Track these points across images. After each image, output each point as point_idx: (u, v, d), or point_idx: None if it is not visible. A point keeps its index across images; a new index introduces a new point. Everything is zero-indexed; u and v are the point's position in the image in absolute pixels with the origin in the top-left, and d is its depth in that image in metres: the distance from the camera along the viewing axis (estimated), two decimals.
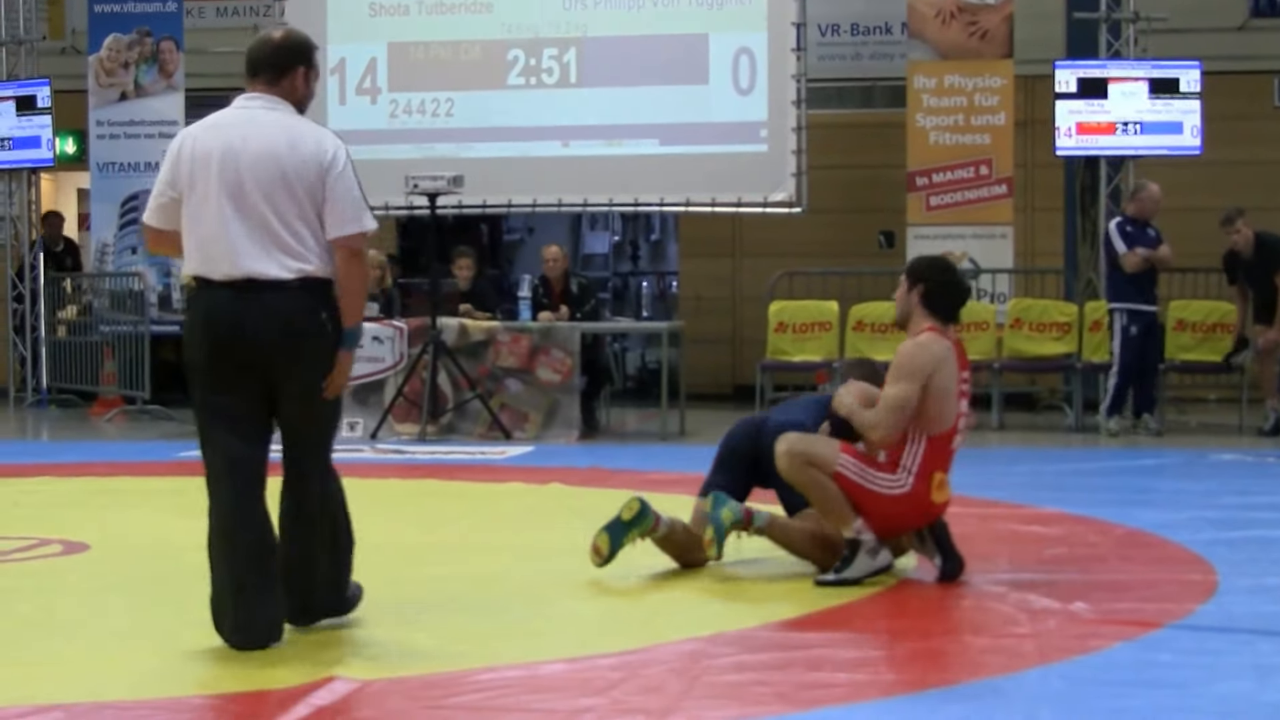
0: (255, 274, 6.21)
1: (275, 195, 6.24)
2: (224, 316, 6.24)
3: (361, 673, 5.78)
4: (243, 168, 6.25)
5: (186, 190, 6.32)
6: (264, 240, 6.22)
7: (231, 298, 6.23)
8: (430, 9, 17.10)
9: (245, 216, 6.23)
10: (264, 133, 6.31)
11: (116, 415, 17.22)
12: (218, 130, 6.37)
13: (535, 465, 12.36)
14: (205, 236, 6.26)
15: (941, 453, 7.57)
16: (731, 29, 16.62)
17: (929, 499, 7.54)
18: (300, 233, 6.27)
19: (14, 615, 7.04)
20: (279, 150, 6.28)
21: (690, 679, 5.73)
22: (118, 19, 18.37)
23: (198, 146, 6.33)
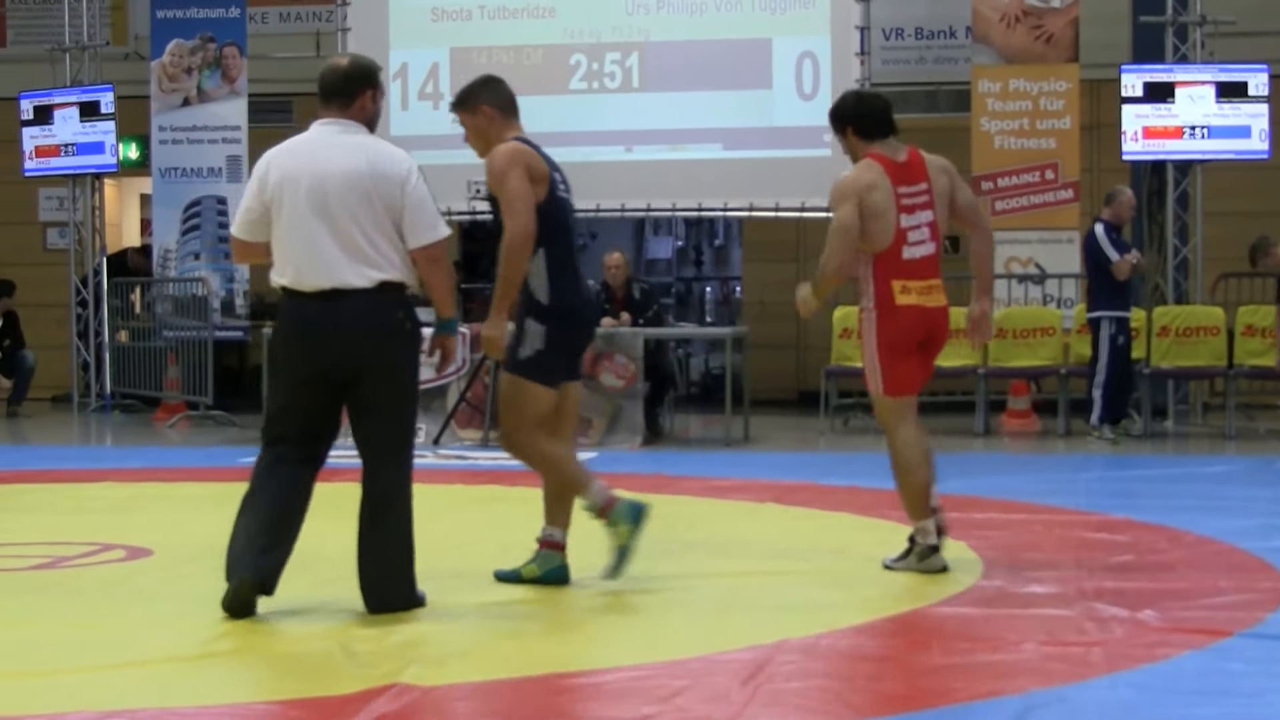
0: (341, 284, 6.81)
1: (359, 212, 6.85)
2: (313, 322, 6.85)
3: (424, 679, 5.74)
4: (329, 188, 6.85)
5: (275, 209, 6.91)
6: (349, 253, 6.83)
7: (320, 306, 6.83)
8: (492, 14, 17.11)
9: (333, 232, 6.83)
10: (345, 155, 6.94)
11: (179, 421, 17.28)
12: (301, 154, 6.99)
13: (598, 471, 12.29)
14: (295, 252, 6.87)
15: (892, 264, 8.13)
16: (795, 33, 16.58)
17: (894, 302, 8.11)
18: (380, 244, 6.88)
19: (78, 620, 7.04)
20: (360, 170, 6.90)
21: (754, 687, 5.67)
22: (181, 24, 18.44)
23: (284, 169, 6.95)
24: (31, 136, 18.72)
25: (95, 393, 18.74)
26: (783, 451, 14.27)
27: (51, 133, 18.53)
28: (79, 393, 18.90)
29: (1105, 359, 14.51)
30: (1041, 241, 16.58)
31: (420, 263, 6.98)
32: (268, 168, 7.02)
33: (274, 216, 6.93)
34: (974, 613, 7.04)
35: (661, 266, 22.51)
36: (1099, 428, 14.55)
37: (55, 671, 6.10)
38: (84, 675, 6.03)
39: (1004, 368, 15.96)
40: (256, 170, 7.08)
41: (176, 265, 18.45)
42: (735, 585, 7.77)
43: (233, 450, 14.16)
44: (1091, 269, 14.72)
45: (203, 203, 18.32)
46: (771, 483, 11.60)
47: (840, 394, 16.47)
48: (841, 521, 9.75)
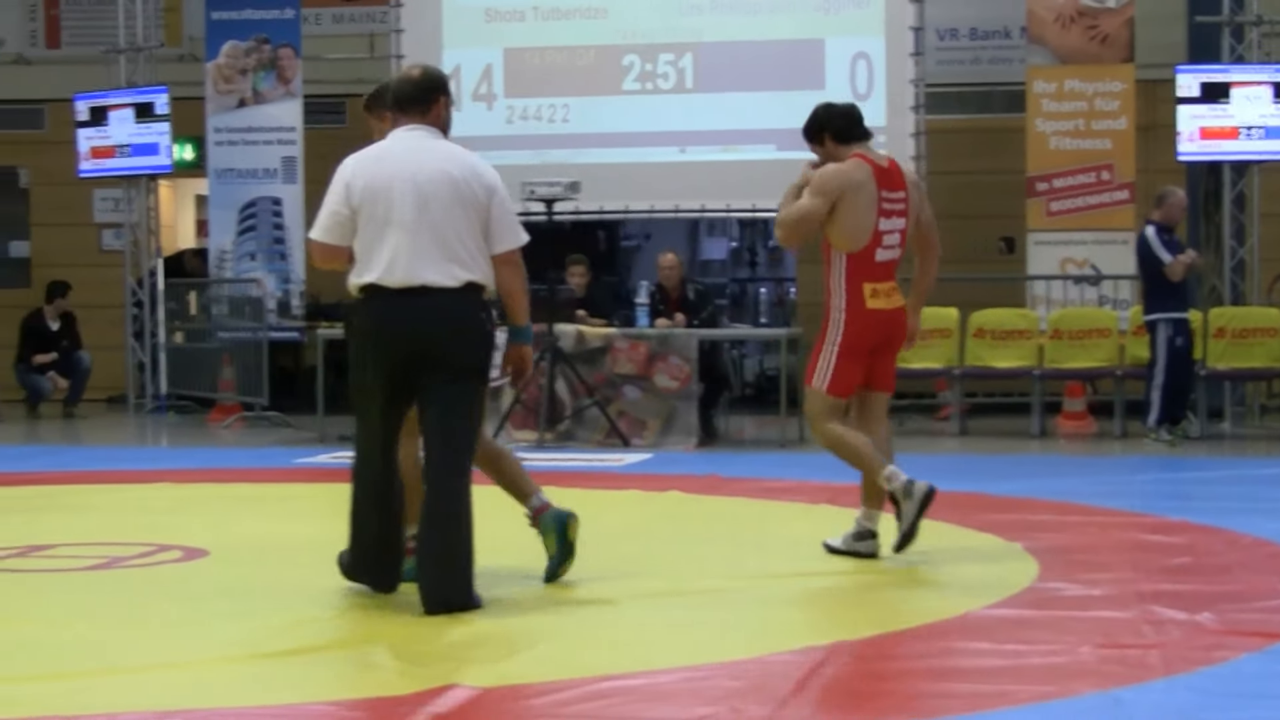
0: (429, 282, 7.05)
1: (451, 213, 7.11)
2: (398, 317, 7.08)
3: (480, 680, 5.74)
4: (425, 191, 7.09)
5: (363, 212, 7.12)
6: (439, 253, 7.08)
7: (405, 302, 7.06)
8: (546, 15, 17.12)
9: (425, 232, 7.07)
10: (435, 160, 7.19)
11: (234, 422, 17.34)
12: (391, 160, 7.19)
13: (653, 473, 12.32)
14: (386, 251, 7.07)
15: (865, 266, 8.42)
16: (848, 34, 16.55)
17: (864, 305, 8.39)
18: (468, 245, 7.16)
19: (135, 621, 7.07)
20: (454, 174, 7.16)
21: (809, 688, 5.65)
22: (235, 26, 18.50)
23: (374, 174, 7.15)
24: (87, 138, 18.81)
25: (151, 394, 18.81)
26: None
27: (106, 134, 18.61)
28: (134, 394, 18.98)
29: (1162, 361, 14.43)
30: (1097, 243, 16.51)
31: (501, 267, 7.30)
32: (353, 174, 7.21)
33: (362, 219, 7.13)
34: (1029, 615, 7.01)
35: (716, 267, 22.49)
36: (1156, 430, 14.47)
37: (111, 671, 6.13)
38: (140, 675, 6.06)
39: (1060, 369, 15.90)
40: (340, 177, 7.24)
41: (232, 266, 18.51)
42: (789, 586, 7.76)
43: (287, 451, 14.22)
44: (1145, 271, 14.64)
45: (258, 204, 18.39)
46: (825, 484, 11.55)
47: (895, 395, 16.40)
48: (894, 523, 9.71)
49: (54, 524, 9.36)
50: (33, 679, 5.96)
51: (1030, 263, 16.84)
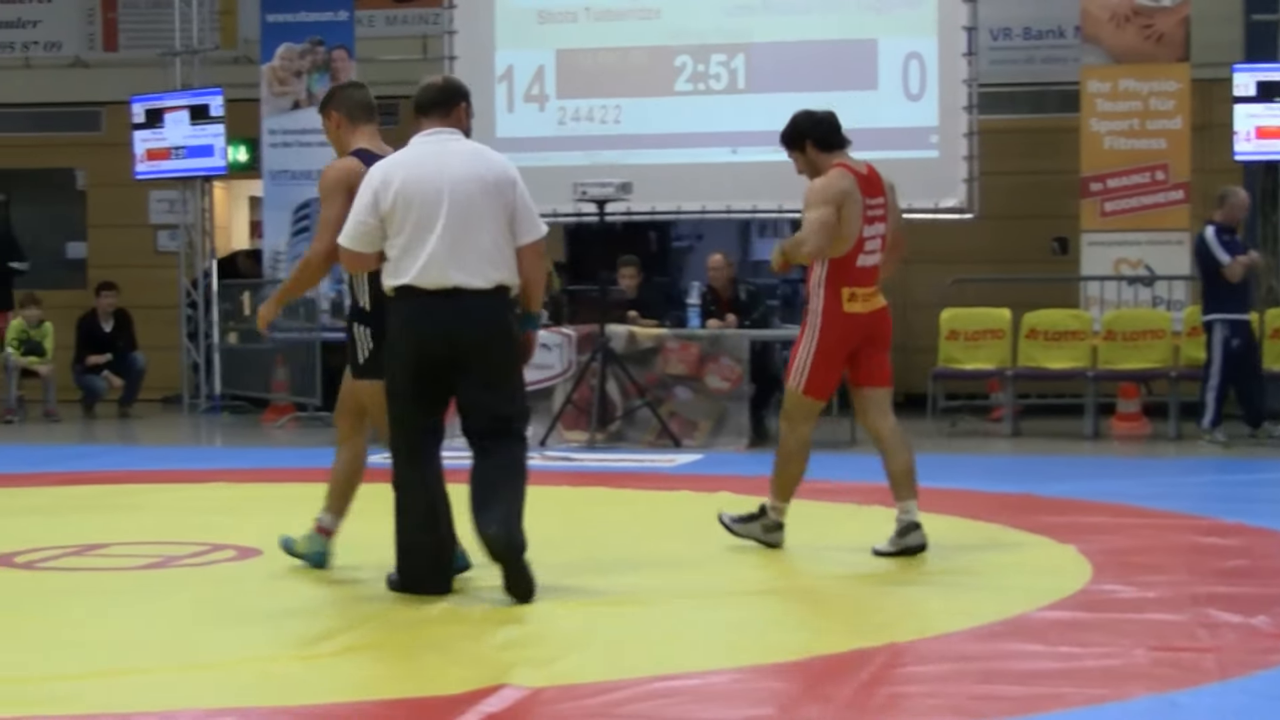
0: (462, 284, 7.22)
1: (483, 214, 7.29)
2: (432, 318, 7.24)
3: (531, 680, 5.75)
4: (456, 194, 7.26)
5: (396, 218, 7.25)
6: (471, 255, 7.25)
7: (439, 304, 7.22)
8: (598, 16, 17.13)
9: (459, 235, 7.24)
10: (462, 161, 7.39)
11: (288, 422, 17.40)
12: (422, 165, 7.34)
13: (704, 473, 12.31)
14: (419, 253, 7.21)
15: (846, 271, 8.51)
16: (901, 34, 16.51)
17: (842, 310, 8.50)
18: (500, 244, 7.34)
19: (187, 619, 7.11)
20: (484, 175, 7.35)
21: (860, 690, 5.64)
22: (290, 28, 18.57)
23: (406, 180, 7.28)
24: (143, 140, 18.91)
25: (205, 394, 18.90)
26: None
27: (162, 136, 18.70)
28: (189, 394, 19.07)
29: (1218, 363, 14.35)
30: (1151, 243, 16.43)
31: (525, 258, 7.42)
32: (383, 182, 7.32)
33: (395, 226, 7.26)
34: (1084, 617, 6.98)
35: (767, 268, 22.41)
36: (1210, 431, 14.39)
37: (165, 669, 6.16)
38: (193, 673, 6.09)
39: (1114, 370, 15.83)
40: (370, 184, 7.35)
41: (286, 267, 18.56)
42: (841, 588, 7.75)
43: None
44: (1203, 272, 14.55)
45: (312, 205, 18.41)
46: (878, 485, 11.47)
47: (947, 396, 16.39)
48: (948, 524, 9.69)
49: (109, 523, 9.41)
50: (88, 676, 6.00)
51: (1084, 263, 16.77)
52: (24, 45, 21.14)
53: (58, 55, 21.10)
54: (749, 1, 16.80)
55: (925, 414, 15.91)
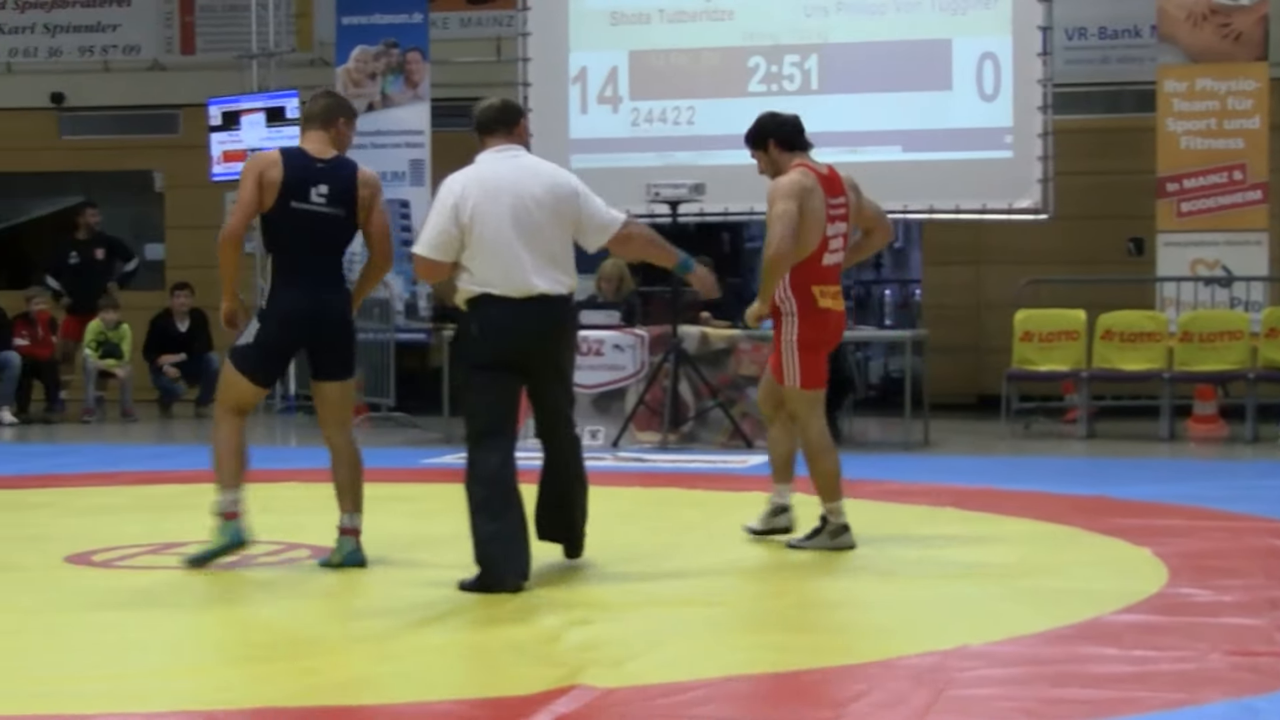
0: (541, 290, 7.68)
1: (552, 224, 7.76)
2: (513, 323, 7.66)
3: (603, 680, 5.76)
4: (529, 207, 7.71)
5: (473, 227, 7.66)
6: (546, 262, 7.71)
7: (520, 310, 7.66)
8: (671, 17, 17.13)
9: (533, 244, 7.69)
10: (532, 174, 7.86)
11: (362, 422, 17.45)
12: (495, 179, 7.77)
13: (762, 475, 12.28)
14: (500, 263, 7.66)
15: (813, 270, 8.68)
16: (975, 34, 16.45)
17: (817, 307, 8.70)
18: (567, 252, 7.85)
19: (262, 618, 7.16)
20: (550, 189, 7.81)
21: (933, 692, 5.63)
22: (365, 30, 18.66)
23: (482, 193, 7.70)
24: (219, 142, 19.02)
25: (280, 394, 18.99)
26: (962, 456, 14.16)
27: (238, 138, 18.80)
28: None
29: None
30: (1229, 244, 16.32)
31: (626, 244, 8.08)
32: (462, 195, 7.72)
33: (474, 236, 7.67)
34: (1158, 620, 6.94)
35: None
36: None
37: (241, 667, 6.20)
38: (268, 671, 6.12)
39: (1190, 372, 15.72)
40: (447, 197, 7.75)
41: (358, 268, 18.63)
42: (913, 590, 7.73)
43: (414, 451, 14.32)
44: None
45: (387, 206, 18.51)
46: (950, 487, 11.51)
47: (1021, 398, 16.32)
48: (1021, 527, 9.66)
49: (186, 522, 9.46)
50: (166, 673, 6.05)
51: (1160, 264, 16.68)
52: (103, 49, 21.33)
53: (136, 59, 21.28)
54: (823, 2, 16.77)
55: (999, 416, 15.85)
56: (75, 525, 8.94)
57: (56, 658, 6.46)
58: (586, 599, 7.55)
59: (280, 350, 8.43)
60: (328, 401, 8.43)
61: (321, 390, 8.44)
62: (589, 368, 14.52)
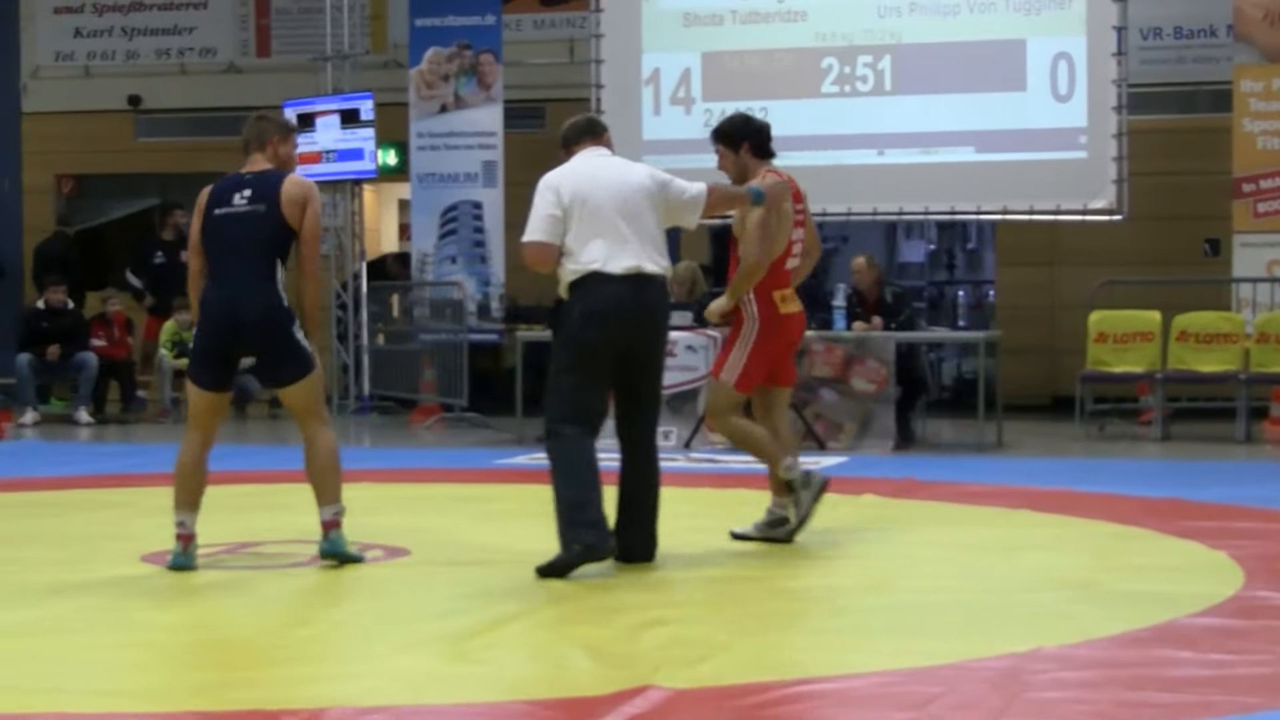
0: (644, 269, 8.10)
1: (649, 210, 8.23)
2: (619, 300, 8.03)
3: (675, 682, 5.76)
4: (626, 194, 8.18)
5: (574, 213, 8.08)
6: (647, 244, 8.16)
7: (628, 287, 8.05)
8: (744, 19, 17.12)
9: (635, 225, 8.14)
10: (625, 168, 8.41)
11: (435, 423, 17.53)
12: (592, 172, 8.25)
13: (849, 476, 12.26)
14: (604, 241, 8.07)
15: (776, 274, 8.95)
16: (1049, 34, 16.37)
17: (779, 313, 8.93)
18: (663, 238, 8.34)
19: (336, 619, 7.19)
20: (643, 181, 8.31)
21: (1008, 695, 5.61)
22: (438, 32, 18.72)
23: (578, 183, 8.17)
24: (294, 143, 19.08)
25: (354, 395, 19.09)
26: (1036, 457, 14.10)
27: (313, 140, 18.88)
28: (339, 395, 19.26)
29: None
30: None
31: (708, 213, 8.67)
32: (560, 183, 8.17)
33: (574, 221, 8.08)
34: (1234, 624, 6.90)
35: (913, 270, 22.36)
36: None
37: (314, 667, 6.23)
38: (342, 672, 6.16)
39: (1266, 374, 15.60)
40: (549, 189, 8.17)
41: (433, 269, 18.74)
42: (987, 592, 7.70)
43: (487, 452, 14.36)
44: None
45: (459, 208, 18.60)
46: (1024, 489, 11.47)
47: (1095, 399, 16.24)
48: (1096, 529, 9.62)
49: (261, 522, 9.54)
50: (239, 674, 6.09)
51: (1235, 265, 16.57)
52: (179, 52, 21.49)
53: (212, 61, 21.44)
54: (896, 3, 16.72)
55: (1073, 417, 15.77)
56: (151, 525, 8.99)
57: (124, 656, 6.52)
58: (659, 600, 7.56)
59: (212, 352, 8.35)
60: (289, 405, 8.52)
61: (280, 395, 8.57)
62: None
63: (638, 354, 8.17)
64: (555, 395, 8.12)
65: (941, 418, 17.44)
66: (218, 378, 8.36)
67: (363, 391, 18.99)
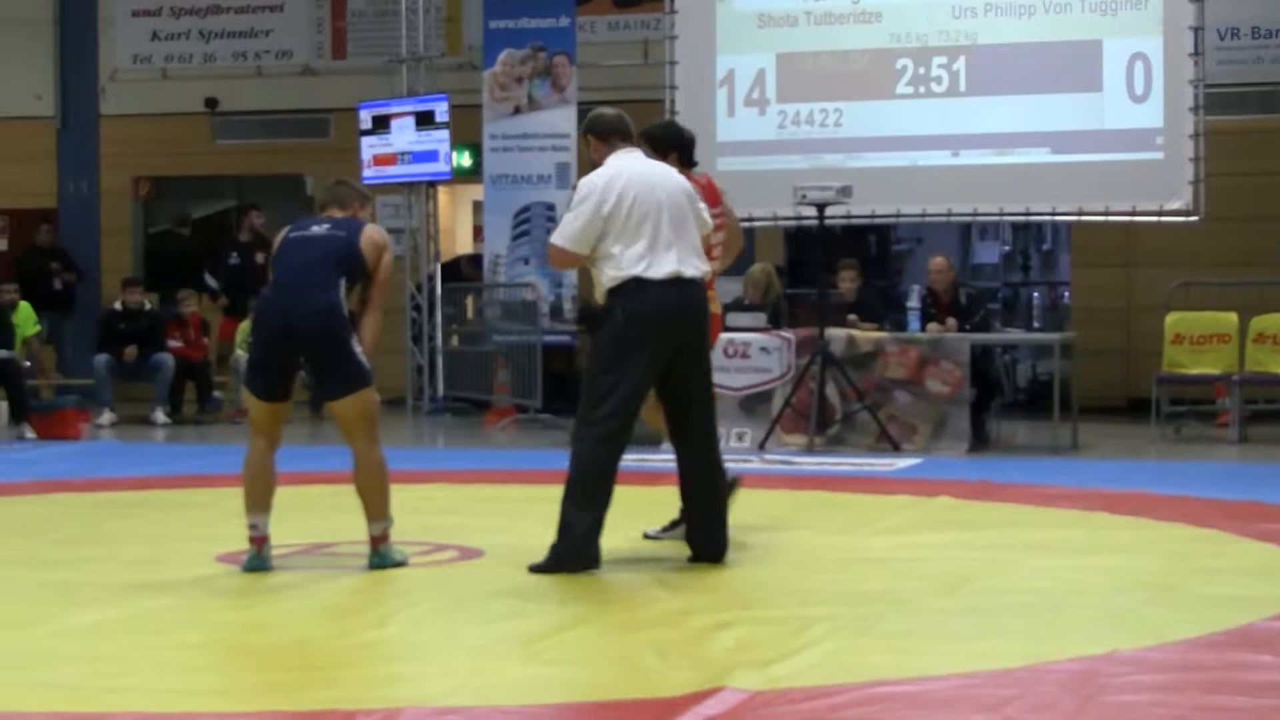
0: (684, 273, 8.21)
1: (689, 218, 8.38)
2: (666, 301, 8.12)
3: (750, 683, 5.76)
4: (670, 200, 8.31)
5: (616, 219, 8.17)
6: (688, 249, 8.29)
7: (669, 291, 8.14)
8: (819, 20, 17.07)
9: (680, 231, 8.27)
10: (667, 173, 8.53)
11: (509, 424, 17.57)
12: (642, 171, 8.36)
13: (924, 478, 12.25)
14: (647, 246, 8.16)
15: None
16: (1126, 34, 16.26)
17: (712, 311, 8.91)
18: (700, 244, 8.45)
19: (410, 620, 7.22)
20: (684, 185, 8.52)
21: (1084, 698, 5.59)
22: (512, 34, 18.77)
23: (630, 184, 8.24)
24: (369, 145, 19.20)
25: (428, 396, 19.15)
26: (1112, 460, 14.03)
27: (388, 142, 18.98)
28: (413, 396, 19.33)
29: None
30: None
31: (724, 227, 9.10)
32: (606, 188, 8.22)
33: (617, 226, 8.18)
34: None
35: (988, 271, 22.26)
36: None
37: (389, 668, 6.26)
38: (416, 673, 6.18)
39: None
40: (594, 195, 8.22)
41: (506, 271, 18.78)
42: (1062, 595, 7.66)
43: (561, 453, 14.33)
44: None
45: (532, 209, 18.64)
46: (1100, 491, 11.41)
47: (1172, 401, 16.14)
48: (1173, 532, 9.56)
49: (335, 523, 9.57)
50: (314, 674, 6.12)
51: None
52: (256, 54, 21.61)
53: (288, 64, 21.54)
54: (971, 4, 16.64)
55: (1149, 419, 15.68)
56: (226, 526, 9.05)
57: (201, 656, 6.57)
58: (733, 601, 7.57)
59: (266, 360, 8.34)
60: (339, 419, 8.46)
61: (330, 408, 8.51)
62: (735, 370, 14.54)
63: (683, 354, 8.23)
64: (590, 393, 8.21)
65: (1016, 419, 17.37)
66: (273, 387, 8.33)
67: (437, 393, 19.05)
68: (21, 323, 18.26)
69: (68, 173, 22.14)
